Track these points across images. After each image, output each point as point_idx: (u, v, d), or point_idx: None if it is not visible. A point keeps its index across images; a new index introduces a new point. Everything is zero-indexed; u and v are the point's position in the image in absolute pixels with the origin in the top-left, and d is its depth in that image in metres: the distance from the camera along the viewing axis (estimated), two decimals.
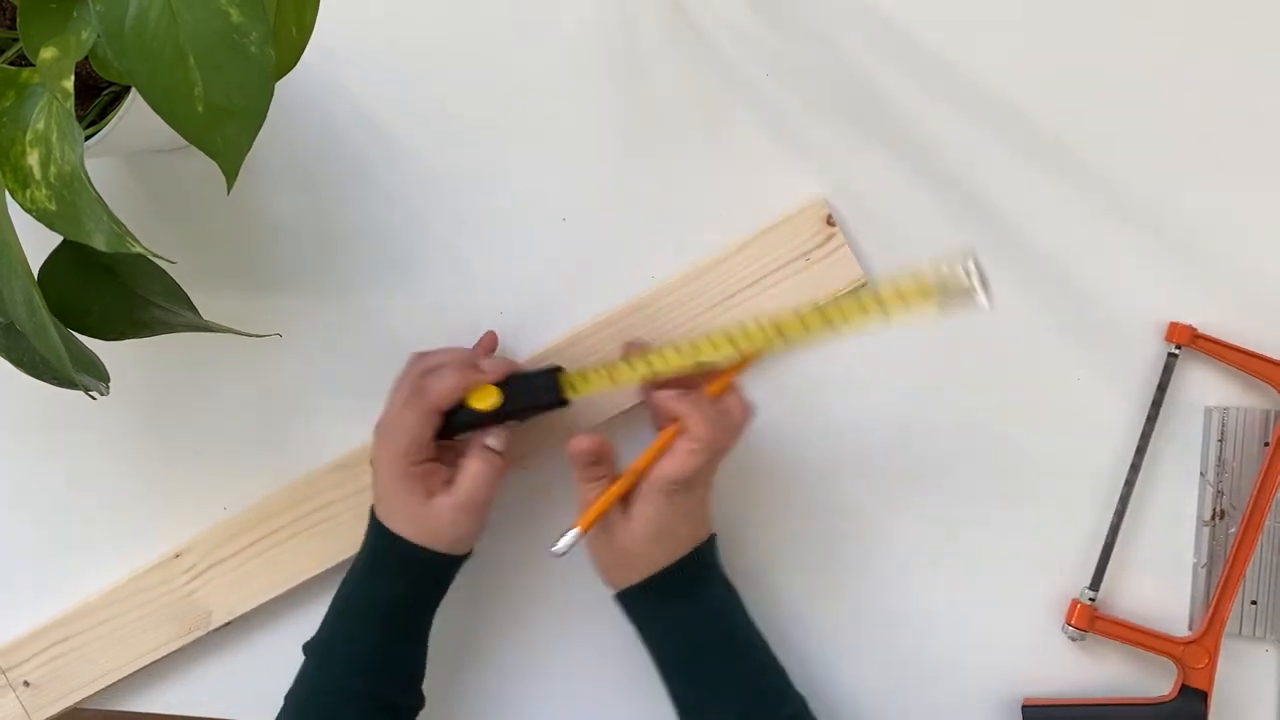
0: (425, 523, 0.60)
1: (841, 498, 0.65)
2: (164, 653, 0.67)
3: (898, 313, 0.50)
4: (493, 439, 0.61)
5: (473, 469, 0.60)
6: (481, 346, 0.66)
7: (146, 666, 0.68)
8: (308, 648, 0.61)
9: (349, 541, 0.66)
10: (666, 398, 0.58)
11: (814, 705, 0.59)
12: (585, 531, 0.58)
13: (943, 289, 0.49)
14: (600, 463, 0.58)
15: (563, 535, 0.57)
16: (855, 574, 0.64)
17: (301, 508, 0.66)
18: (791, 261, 0.63)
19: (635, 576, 0.59)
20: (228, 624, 0.67)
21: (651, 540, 0.58)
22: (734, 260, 0.64)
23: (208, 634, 0.67)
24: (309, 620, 0.65)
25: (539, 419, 0.62)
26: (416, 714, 0.62)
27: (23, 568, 0.69)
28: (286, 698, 0.61)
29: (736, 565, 0.67)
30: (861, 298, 0.51)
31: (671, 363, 0.56)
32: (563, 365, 0.61)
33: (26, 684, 0.68)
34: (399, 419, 0.60)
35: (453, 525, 0.60)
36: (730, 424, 0.58)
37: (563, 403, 0.60)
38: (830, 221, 0.63)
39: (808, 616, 0.66)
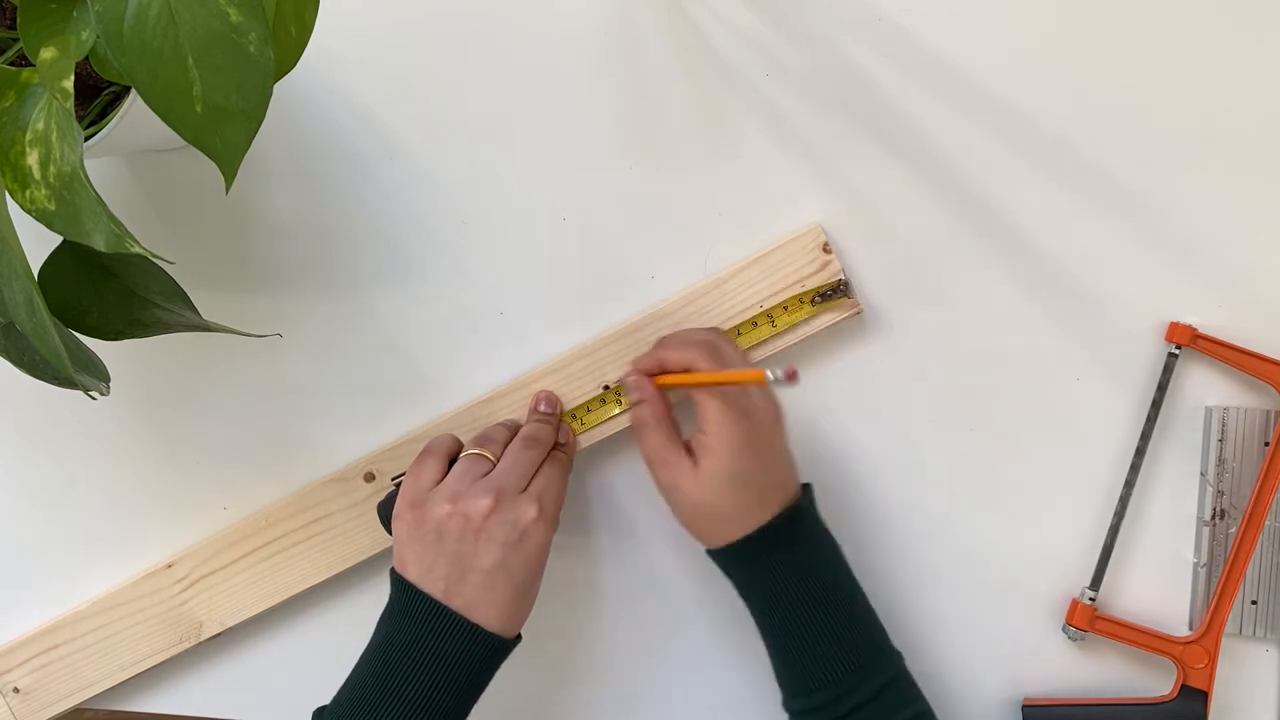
0: (525, 605, 0.57)
1: (840, 499, 0.65)
2: (155, 662, 0.67)
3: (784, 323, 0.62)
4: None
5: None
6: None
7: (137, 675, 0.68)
8: None
9: (342, 555, 0.66)
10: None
11: None
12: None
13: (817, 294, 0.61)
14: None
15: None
16: (856, 574, 0.64)
17: (295, 521, 0.66)
18: (788, 287, 0.63)
19: (728, 534, 0.57)
20: (218, 635, 0.67)
21: (729, 489, 0.55)
22: (729, 285, 0.63)
23: (198, 644, 0.67)
24: (300, 631, 0.66)
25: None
26: None
27: (19, 571, 0.69)
28: None
29: None
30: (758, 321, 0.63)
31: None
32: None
33: (16, 690, 0.68)
34: (553, 476, 0.58)
35: (530, 602, 0.58)
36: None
37: None
38: (827, 249, 0.62)
39: None
